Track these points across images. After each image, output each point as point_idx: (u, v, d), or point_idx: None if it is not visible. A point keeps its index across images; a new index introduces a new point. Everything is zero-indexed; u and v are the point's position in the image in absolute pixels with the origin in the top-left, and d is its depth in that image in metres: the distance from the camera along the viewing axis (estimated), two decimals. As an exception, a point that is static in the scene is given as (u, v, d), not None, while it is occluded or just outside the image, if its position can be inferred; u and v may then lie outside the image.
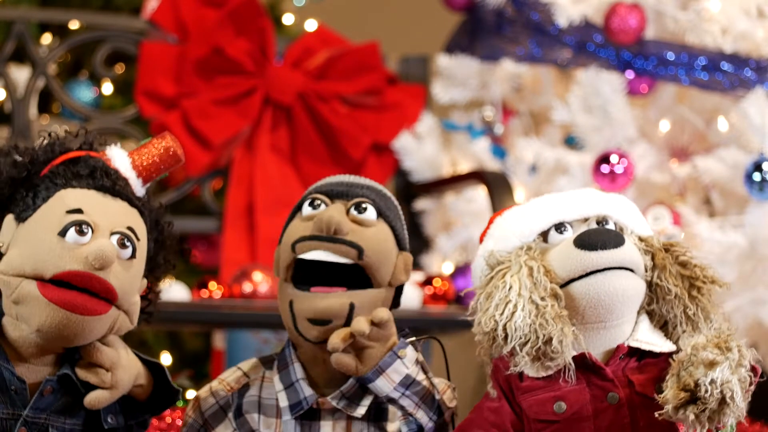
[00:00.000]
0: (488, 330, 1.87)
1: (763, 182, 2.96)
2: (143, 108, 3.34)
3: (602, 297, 1.87)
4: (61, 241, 1.81)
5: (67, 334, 1.82)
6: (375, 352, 1.89)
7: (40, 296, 1.79)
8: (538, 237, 1.94)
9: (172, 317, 3.03)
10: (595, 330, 1.90)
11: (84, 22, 3.44)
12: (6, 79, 3.30)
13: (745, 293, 3.04)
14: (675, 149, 3.29)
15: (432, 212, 3.48)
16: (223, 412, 2.03)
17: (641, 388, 1.89)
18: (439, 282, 3.16)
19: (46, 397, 1.86)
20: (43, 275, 1.80)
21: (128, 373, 1.91)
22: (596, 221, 1.94)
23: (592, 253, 1.87)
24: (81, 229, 1.81)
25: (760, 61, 3.12)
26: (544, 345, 1.84)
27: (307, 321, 1.94)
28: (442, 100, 3.50)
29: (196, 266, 3.64)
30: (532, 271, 1.88)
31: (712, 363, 1.79)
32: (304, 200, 2.01)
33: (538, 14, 3.30)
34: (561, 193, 2.00)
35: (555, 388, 1.89)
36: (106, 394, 1.88)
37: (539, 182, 3.31)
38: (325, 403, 1.98)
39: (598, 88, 3.17)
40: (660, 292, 1.94)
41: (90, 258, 1.79)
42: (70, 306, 1.80)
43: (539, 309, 1.85)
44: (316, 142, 3.39)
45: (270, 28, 3.41)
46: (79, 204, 1.84)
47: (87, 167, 1.89)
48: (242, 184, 3.37)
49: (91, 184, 1.87)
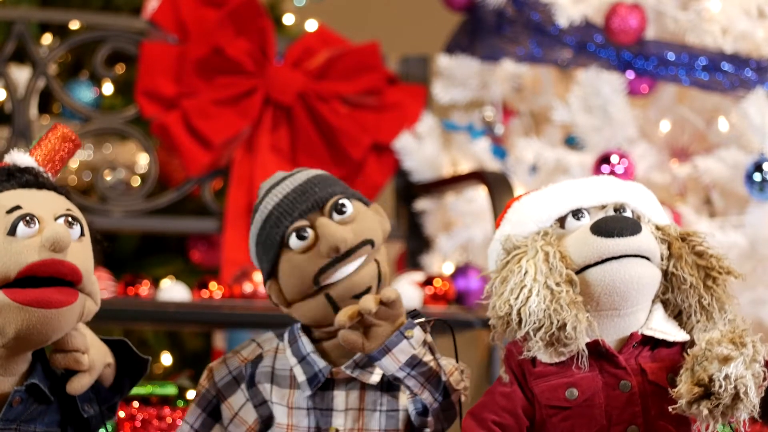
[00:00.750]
0: (502, 314, 1.87)
1: (764, 182, 2.96)
2: (143, 108, 3.34)
3: (617, 284, 1.87)
4: (12, 240, 1.80)
5: (45, 331, 1.81)
6: (382, 330, 1.90)
7: (11, 303, 1.78)
8: (555, 223, 1.94)
9: (173, 317, 3.03)
10: (609, 317, 1.90)
11: (84, 23, 3.44)
12: (6, 80, 3.30)
13: (746, 293, 3.04)
14: (675, 149, 3.29)
15: (432, 212, 3.48)
16: (236, 382, 2.06)
17: (654, 377, 1.89)
18: (439, 282, 3.16)
19: (15, 407, 1.85)
20: (8, 277, 1.79)
21: (99, 352, 1.93)
22: (614, 208, 1.95)
23: (609, 240, 1.87)
24: (28, 222, 1.81)
25: (761, 62, 3.12)
26: (558, 331, 1.84)
27: (350, 300, 1.97)
28: (442, 100, 3.50)
29: (196, 266, 3.64)
30: (548, 257, 1.88)
31: (726, 358, 1.79)
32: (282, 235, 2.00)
33: (539, 14, 3.30)
34: (579, 180, 2.01)
35: (567, 374, 1.90)
36: (86, 376, 1.90)
37: (539, 182, 3.30)
38: (339, 372, 2.01)
39: (599, 88, 3.17)
40: (675, 281, 1.94)
41: (47, 244, 1.79)
42: (43, 303, 1.79)
43: (554, 294, 1.85)
44: (317, 142, 3.39)
45: (270, 28, 3.41)
46: (14, 202, 1.83)
47: (3, 173, 1.89)
48: (242, 184, 3.37)
49: (15, 184, 1.87)
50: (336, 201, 2.01)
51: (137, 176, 3.57)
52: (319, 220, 2.00)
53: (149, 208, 3.34)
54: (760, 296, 3.06)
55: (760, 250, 3.01)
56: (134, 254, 3.59)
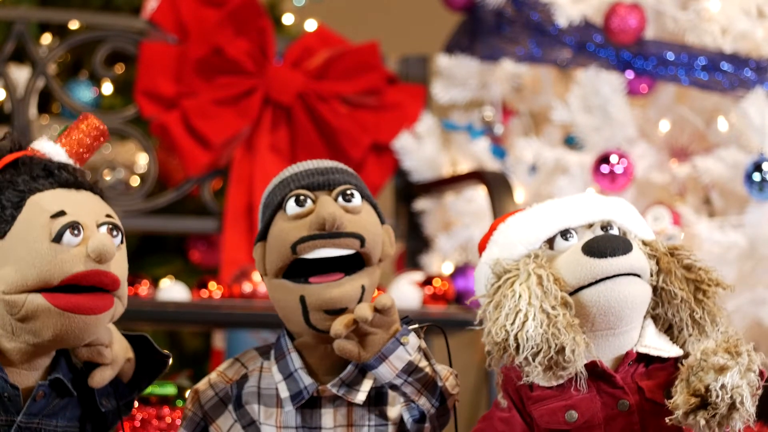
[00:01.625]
0: (499, 340, 1.86)
1: (763, 182, 2.96)
2: (143, 108, 3.34)
3: (612, 304, 1.86)
4: (57, 247, 1.80)
5: (81, 335, 1.83)
6: (378, 338, 1.89)
7: (52, 308, 1.79)
8: (544, 244, 1.93)
9: (172, 317, 3.04)
10: (604, 337, 1.90)
11: (84, 22, 3.44)
12: (6, 79, 3.30)
13: (745, 293, 3.04)
14: (675, 149, 3.29)
15: (432, 212, 3.48)
16: (222, 403, 2.03)
17: (651, 395, 1.89)
18: (438, 282, 3.17)
19: (38, 402, 1.86)
20: (50, 283, 1.79)
21: (121, 347, 1.94)
22: (600, 226, 1.94)
23: (602, 261, 1.86)
24: (74, 231, 1.81)
25: (760, 61, 3.12)
26: (556, 354, 1.83)
27: (322, 312, 1.94)
28: (441, 100, 3.50)
29: (195, 266, 3.64)
30: (541, 280, 1.87)
31: (722, 368, 1.79)
32: (283, 197, 1.99)
33: (538, 14, 3.30)
34: (563, 199, 1.99)
35: (566, 396, 1.89)
36: (108, 370, 1.91)
37: (539, 182, 3.31)
38: (325, 390, 1.98)
39: (598, 88, 3.18)
40: (666, 296, 1.94)
41: (93, 255, 1.80)
42: (83, 309, 1.80)
43: (551, 318, 1.84)
44: (316, 142, 3.39)
45: (270, 28, 3.41)
46: (58, 206, 1.83)
47: (39, 167, 1.87)
48: (242, 184, 3.37)
49: (53, 182, 1.86)
50: (347, 188, 1.99)
51: (137, 176, 3.57)
52: (323, 197, 1.98)
53: (149, 207, 3.34)
54: (760, 296, 3.06)
55: (759, 249, 3.01)
56: (134, 254, 3.57)
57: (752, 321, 3.09)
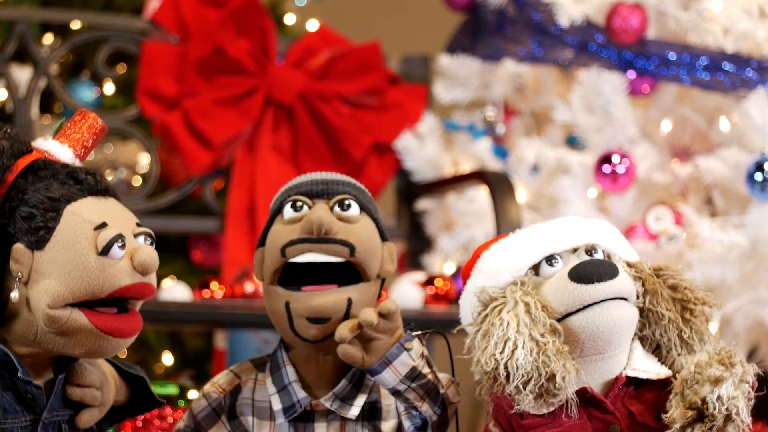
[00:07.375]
0: (489, 369, 1.85)
1: (765, 182, 2.96)
2: (145, 108, 3.34)
3: (601, 329, 1.86)
4: (105, 260, 1.79)
5: (109, 354, 1.85)
6: (382, 343, 1.89)
7: (93, 328, 1.79)
8: (530, 270, 1.93)
9: (174, 317, 3.03)
10: (593, 362, 1.90)
11: (85, 22, 3.44)
12: (8, 79, 3.30)
13: (747, 293, 3.04)
14: (677, 149, 3.29)
15: (433, 212, 3.48)
16: (215, 414, 2.03)
17: (642, 418, 1.89)
18: (440, 282, 3.16)
19: (58, 394, 1.87)
20: (97, 296, 1.79)
21: (112, 389, 1.95)
22: (585, 250, 1.93)
23: (589, 287, 1.86)
24: (121, 244, 1.80)
25: (762, 61, 3.12)
26: (547, 382, 1.83)
27: (305, 320, 1.93)
28: (443, 100, 3.50)
29: (197, 266, 3.64)
30: (529, 307, 1.86)
31: (718, 379, 1.79)
32: (282, 202, 1.99)
33: (540, 14, 3.30)
34: (546, 224, 1.98)
35: (557, 423, 1.88)
36: (96, 412, 1.91)
37: (541, 182, 3.31)
38: (318, 404, 1.98)
39: (600, 88, 3.17)
40: (653, 317, 1.94)
41: (140, 268, 1.80)
42: (122, 333, 1.82)
43: (540, 346, 1.83)
44: (318, 142, 3.39)
45: (271, 28, 3.41)
46: (99, 217, 1.82)
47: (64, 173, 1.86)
48: (244, 184, 3.37)
49: (83, 189, 1.85)
50: (345, 197, 1.98)
51: (138, 176, 3.57)
52: (319, 204, 1.98)
53: (150, 207, 3.34)
54: (762, 296, 3.06)
55: (761, 249, 3.01)
56: (135, 254, 3.59)
57: (754, 321, 3.09)
